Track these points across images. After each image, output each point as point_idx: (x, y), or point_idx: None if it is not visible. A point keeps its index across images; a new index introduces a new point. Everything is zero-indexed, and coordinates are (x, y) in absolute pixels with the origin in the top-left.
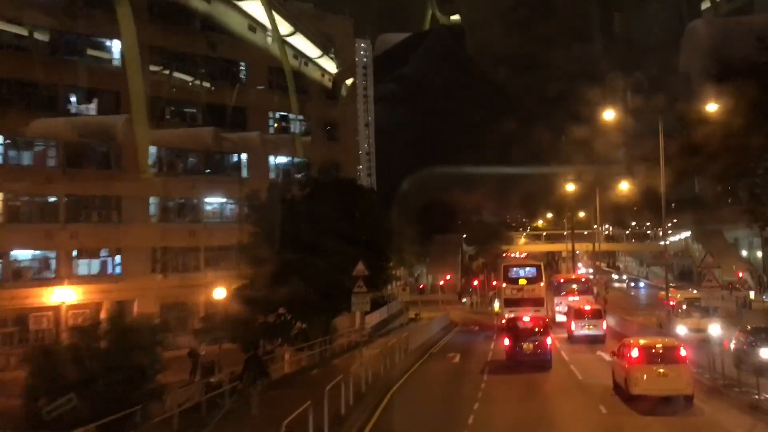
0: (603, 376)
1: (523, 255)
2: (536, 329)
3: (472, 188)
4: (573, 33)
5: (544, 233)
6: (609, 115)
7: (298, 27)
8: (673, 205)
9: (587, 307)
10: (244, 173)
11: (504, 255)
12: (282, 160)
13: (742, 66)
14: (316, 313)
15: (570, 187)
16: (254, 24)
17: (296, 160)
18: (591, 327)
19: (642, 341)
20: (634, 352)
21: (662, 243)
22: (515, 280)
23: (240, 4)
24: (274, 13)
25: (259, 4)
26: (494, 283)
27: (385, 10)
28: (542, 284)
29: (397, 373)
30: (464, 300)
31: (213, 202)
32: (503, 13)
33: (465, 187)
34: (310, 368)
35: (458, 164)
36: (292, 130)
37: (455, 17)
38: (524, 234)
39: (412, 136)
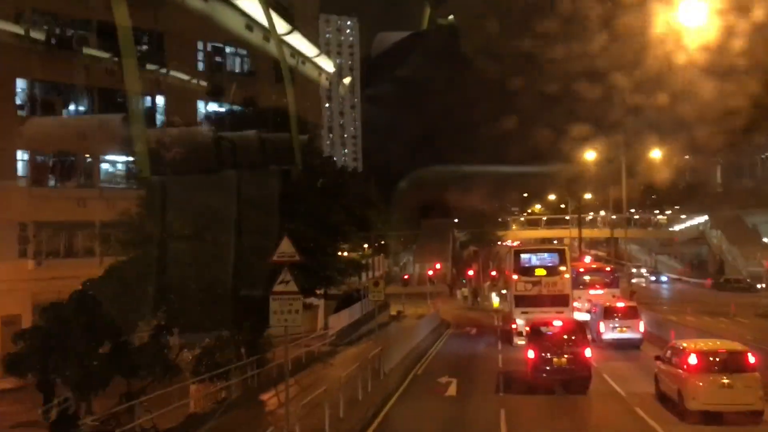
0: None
1: (515, 243)
2: (570, 337)
3: (469, 184)
4: (570, 31)
5: (544, 218)
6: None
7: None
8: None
9: (620, 305)
10: (160, 122)
11: (500, 242)
12: (220, 108)
13: None
14: (229, 323)
15: (590, 156)
16: (251, 23)
17: (237, 108)
18: (625, 329)
19: (700, 344)
20: (692, 359)
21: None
22: (530, 270)
23: (237, 3)
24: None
25: (257, 3)
26: (493, 273)
27: (383, 9)
28: (567, 276)
29: (354, 426)
30: (463, 293)
31: (115, 160)
32: (498, 12)
33: (462, 184)
34: (222, 410)
35: (456, 162)
36: (230, 68)
37: (451, 17)
38: (521, 218)
39: (409, 135)
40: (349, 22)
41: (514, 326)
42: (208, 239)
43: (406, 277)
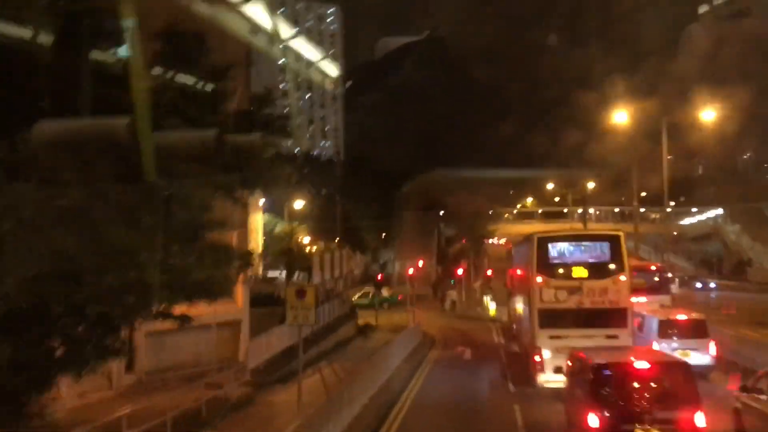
0: None
1: (502, 241)
2: (666, 389)
3: (462, 186)
4: (568, 37)
5: (540, 210)
6: None
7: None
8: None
9: (681, 317)
10: None
11: (488, 240)
12: None
13: None
14: None
15: (620, 118)
16: (256, 27)
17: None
18: (690, 352)
19: None
20: None
21: None
22: (563, 270)
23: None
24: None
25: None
26: (489, 272)
27: (386, 15)
28: (624, 278)
29: None
30: (452, 296)
31: None
32: (495, 18)
33: (455, 186)
34: None
35: (456, 166)
36: None
37: (449, 24)
38: (513, 211)
39: (408, 140)
40: (331, 10)
41: (537, 358)
42: None
43: (379, 277)
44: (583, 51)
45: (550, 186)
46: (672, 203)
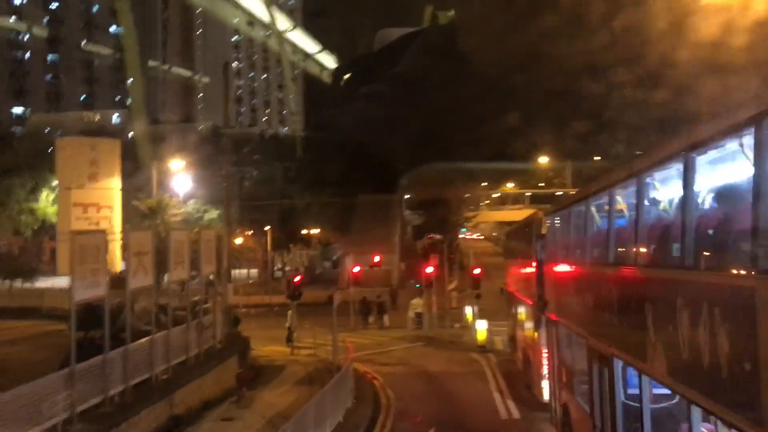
0: None
1: (475, 236)
2: None
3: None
4: (573, 27)
5: (528, 193)
6: None
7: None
8: None
9: None
10: None
11: (463, 231)
12: None
13: None
14: None
15: None
16: (252, 19)
17: None
18: None
19: None
20: None
21: None
22: None
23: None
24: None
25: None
26: (476, 271)
27: (385, 5)
28: None
29: None
30: (415, 306)
31: None
32: (499, 7)
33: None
34: None
35: (457, 159)
36: None
37: (451, 13)
38: (495, 195)
39: (410, 132)
40: None
41: None
42: None
43: (296, 279)
44: (588, 40)
45: (543, 159)
46: None
